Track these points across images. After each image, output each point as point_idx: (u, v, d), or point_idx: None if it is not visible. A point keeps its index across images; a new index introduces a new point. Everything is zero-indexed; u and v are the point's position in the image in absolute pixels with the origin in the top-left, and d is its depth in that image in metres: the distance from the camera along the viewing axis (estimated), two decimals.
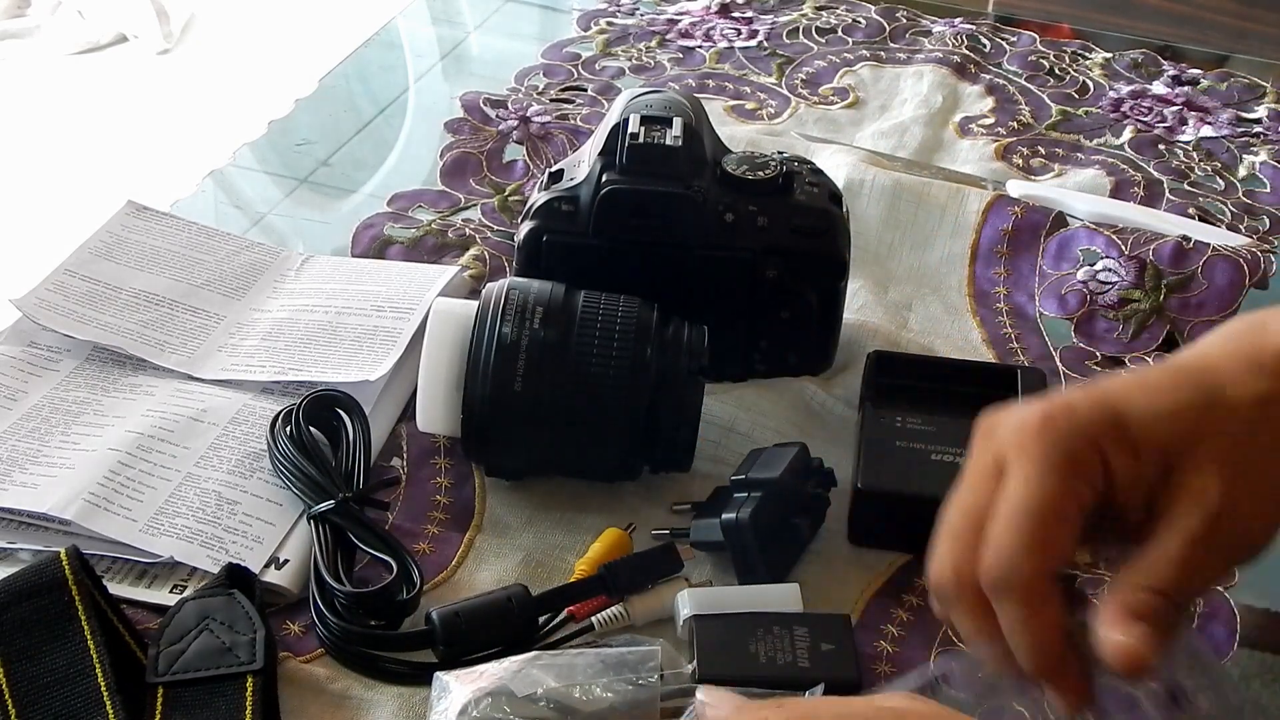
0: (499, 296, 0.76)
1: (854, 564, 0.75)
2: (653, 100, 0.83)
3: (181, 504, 0.75)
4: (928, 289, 0.97)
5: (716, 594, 0.71)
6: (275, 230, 1.02)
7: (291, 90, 1.17)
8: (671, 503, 0.77)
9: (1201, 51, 1.31)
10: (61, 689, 0.63)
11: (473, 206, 1.02)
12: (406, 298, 0.89)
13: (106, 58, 3.03)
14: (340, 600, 0.68)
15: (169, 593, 0.71)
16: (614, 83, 1.18)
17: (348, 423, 0.77)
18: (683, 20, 1.29)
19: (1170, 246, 0.97)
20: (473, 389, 0.74)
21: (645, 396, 0.74)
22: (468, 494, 0.78)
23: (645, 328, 0.75)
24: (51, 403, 0.82)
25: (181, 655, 0.65)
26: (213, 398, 0.82)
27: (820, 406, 0.84)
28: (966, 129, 1.15)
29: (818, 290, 0.83)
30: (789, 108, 1.17)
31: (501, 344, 0.74)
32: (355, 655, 0.68)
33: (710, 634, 0.68)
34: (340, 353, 0.85)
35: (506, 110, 1.12)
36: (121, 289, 0.90)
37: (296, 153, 1.11)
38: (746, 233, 0.81)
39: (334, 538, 0.71)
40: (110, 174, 2.53)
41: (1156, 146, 1.14)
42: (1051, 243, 0.99)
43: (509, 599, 0.69)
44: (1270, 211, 1.07)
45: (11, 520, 0.74)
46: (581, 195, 0.81)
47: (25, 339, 0.86)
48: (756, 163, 0.82)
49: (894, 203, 1.01)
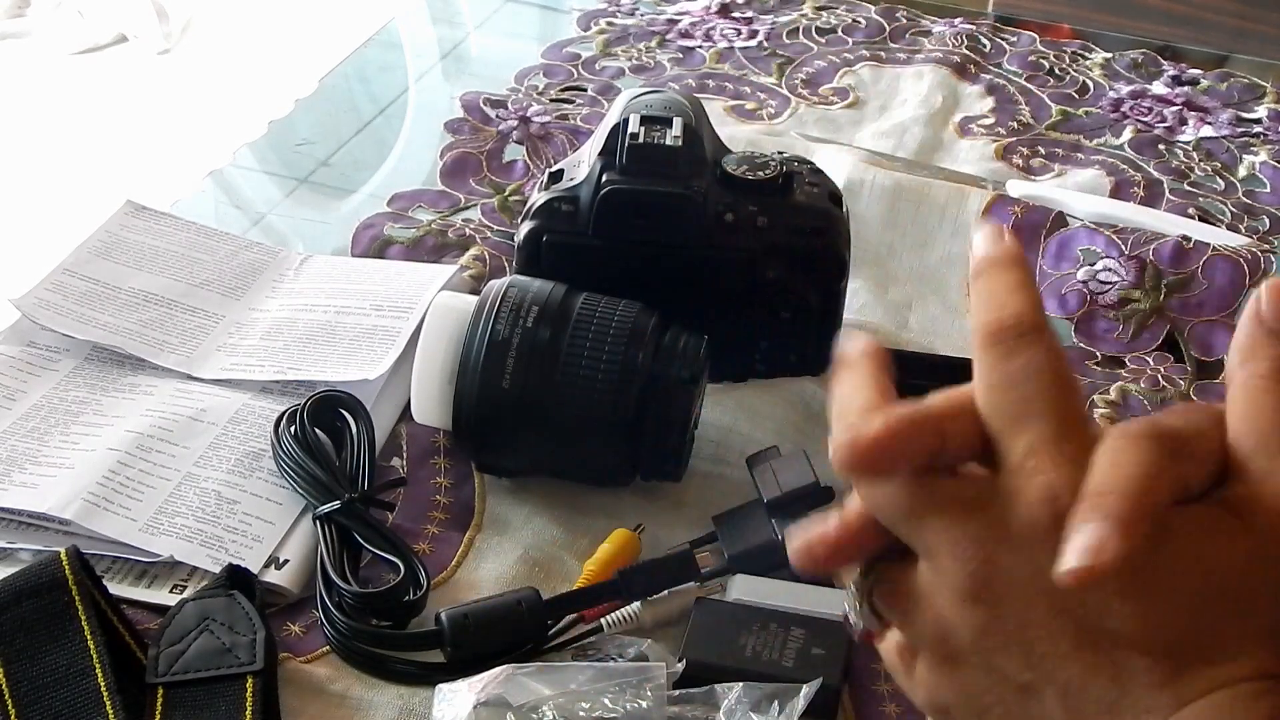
0: (497, 294, 0.76)
1: None
2: (653, 100, 0.83)
3: (181, 503, 0.75)
4: (928, 289, 0.97)
5: (767, 585, 0.70)
6: (275, 230, 1.02)
7: (291, 90, 1.17)
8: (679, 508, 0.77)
9: (1201, 51, 1.31)
10: (61, 689, 0.63)
11: (473, 206, 1.02)
12: (405, 297, 0.89)
13: (106, 58, 3.03)
14: (348, 600, 0.69)
15: (169, 593, 0.71)
16: (614, 83, 1.18)
17: (352, 423, 0.77)
18: (683, 20, 1.29)
19: (1170, 246, 0.97)
20: (463, 383, 0.75)
21: (633, 402, 0.74)
22: (468, 494, 0.78)
23: (640, 333, 0.75)
24: (51, 402, 0.82)
25: (182, 656, 0.65)
26: (212, 397, 0.82)
27: (820, 406, 0.84)
28: (966, 129, 1.15)
29: (818, 290, 0.83)
30: (789, 108, 1.17)
31: (494, 340, 0.74)
32: (363, 655, 0.68)
33: (707, 619, 0.68)
34: (339, 352, 0.85)
35: (506, 110, 1.12)
36: (120, 289, 0.90)
37: (296, 153, 1.11)
38: (746, 233, 0.81)
39: (340, 538, 0.72)
40: (110, 174, 2.53)
41: (1156, 146, 1.14)
42: (1051, 243, 0.99)
43: (519, 602, 0.69)
44: (1270, 211, 1.07)
45: (11, 520, 0.74)
46: (581, 195, 0.81)
47: (24, 339, 0.86)
48: (756, 163, 0.82)
49: (894, 203, 1.01)
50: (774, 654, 0.66)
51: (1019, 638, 0.44)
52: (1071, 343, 0.93)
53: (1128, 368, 0.91)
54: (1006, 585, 0.44)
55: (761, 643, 0.67)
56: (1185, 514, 0.43)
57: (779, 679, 0.64)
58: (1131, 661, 0.43)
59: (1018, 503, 0.44)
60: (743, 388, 0.84)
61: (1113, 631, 0.43)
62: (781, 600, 0.69)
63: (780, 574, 0.71)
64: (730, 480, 0.78)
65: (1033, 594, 0.44)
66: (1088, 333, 0.93)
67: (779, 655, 0.66)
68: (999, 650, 0.45)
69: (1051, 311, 0.95)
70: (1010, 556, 0.44)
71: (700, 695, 0.63)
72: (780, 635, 0.67)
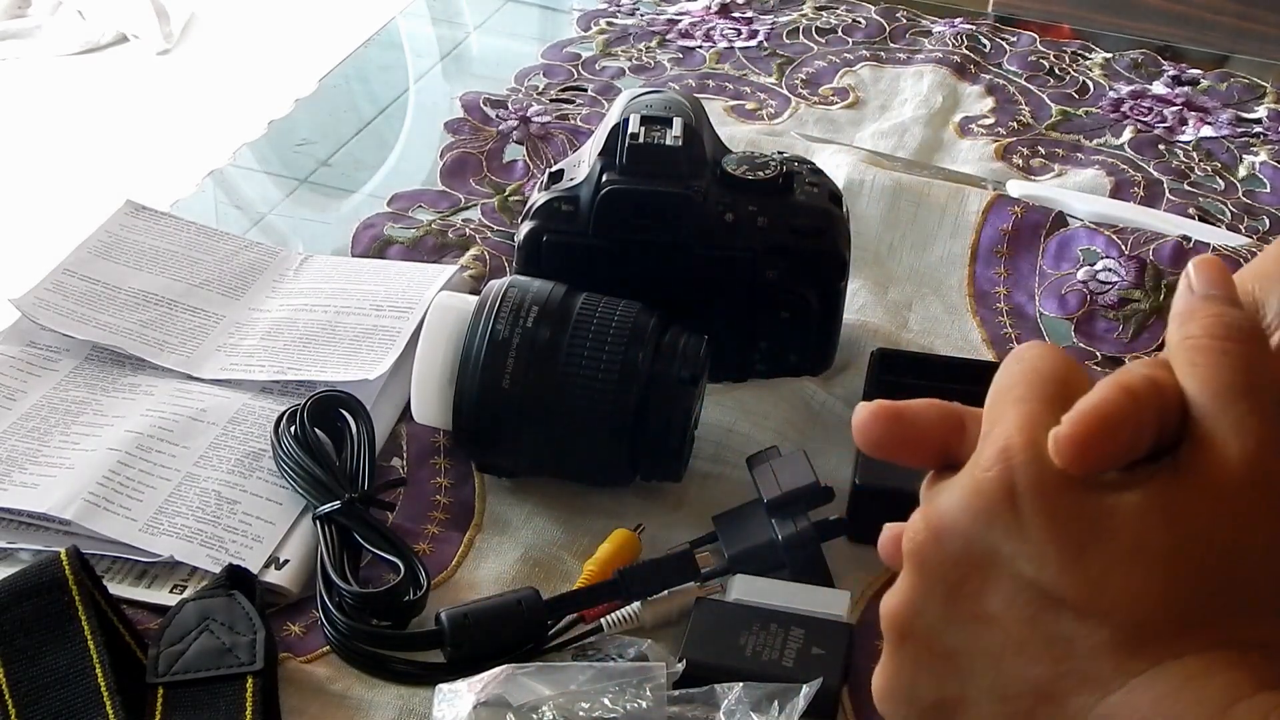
0: (497, 294, 0.76)
1: (854, 562, 0.75)
2: (653, 100, 0.83)
3: (181, 503, 0.75)
4: (928, 289, 0.97)
5: (767, 585, 0.70)
6: (275, 230, 1.02)
7: (291, 90, 1.17)
8: (673, 506, 0.77)
9: (1201, 51, 1.31)
10: (61, 689, 0.63)
11: (473, 206, 1.02)
12: (405, 297, 0.89)
13: (106, 58, 3.03)
14: (348, 600, 0.68)
15: (169, 593, 0.71)
16: (614, 83, 1.18)
17: (352, 423, 0.77)
18: (683, 20, 1.29)
19: (1170, 246, 0.97)
20: (463, 383, 0.75)
21: (633, 402, 0.74)
22: (467, 494, 0.78)
23: (640, 332, 0.75)
24: (51, 402, 0.82)
25: (182, 656, 0.65)
26: (212, 397, 0.82)
27: (820, 406, 0.84)
28: (966, 129, 1.15)
29: (818, 290, 0.83)
30: (789, 108, 1.17)
31: (494, 340, 0.74)
32: (364, 655, 0.68)
33: (707, 619, 0.68)
34: (339, 352, 0.85)
35: (506, 110, 1.12)
36: (120, 288, 0.90)
37: (296, 153, 1.11)
38: (746, 233, 0.81)
39: (340, 538, 0.72)
40: (110, 174, 2.53)
41: (1156, 146, 1.14)
42: (1051, 243, 0.99)
43: (519, 602, 0.69)
44: (1270, 211, 1.07)
45: (11, 520, 0.74)
46: (581, 195, 0.81)
47: (24, 339, 0.86)
48: (756, 163, 0.82)
49: (894, 203, 1.01)
50: (774, 654, 0.66)
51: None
52: (1071, 343, 0.93)
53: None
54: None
55: (761, 643, 0.67)
56: (1132, 477, 0.43)
57: (779, 679, 0.64)
58: (1075, 629, 0.42)
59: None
60: (743, 388, 0.84)
61: (1058, 600, 0.42)
62: (781, 600, 0.69)
63: (780, 574, 0.71)
64: (730, 480, 0.78)
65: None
66: (1088, 333, 0.93)
67: (779, 655, 0.66)
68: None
69: (1051, 311, 0.95)
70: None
71: (700, 695, 0.63)
72: (780, 635, 0.67)
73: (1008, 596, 0.43)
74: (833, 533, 0.73)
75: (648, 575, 0.71)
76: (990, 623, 0.44)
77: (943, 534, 0.45)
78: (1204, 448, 0.43)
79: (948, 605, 0.45)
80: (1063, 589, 0.42)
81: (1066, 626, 0.42)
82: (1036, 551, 0.43)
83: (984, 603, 0.44)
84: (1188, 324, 0.45)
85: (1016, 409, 0.44)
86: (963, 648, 0.45)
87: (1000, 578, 0.43)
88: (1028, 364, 0.46)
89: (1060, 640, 0.43)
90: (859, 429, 0.48)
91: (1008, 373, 0.46)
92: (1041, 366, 0.46)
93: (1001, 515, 0.43)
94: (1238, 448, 0.42)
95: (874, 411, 0.48)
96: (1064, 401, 0.44)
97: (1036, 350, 0.46)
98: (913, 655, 0.46)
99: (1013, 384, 0.45)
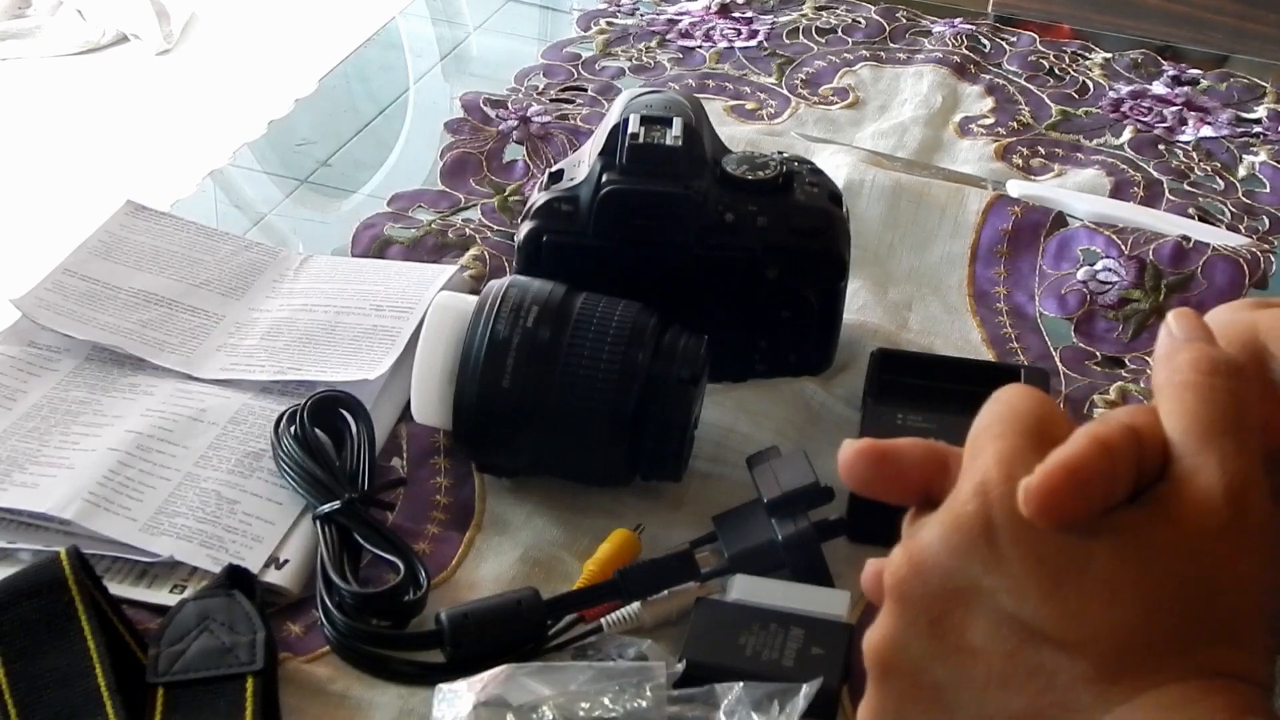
0: (497, 294, 0.76)
1: (854, 562, 0.74)
2: (653, 100, 0.83)
3: (181, 503, 0.75)
4: (928, 289, 0.97)
5: (767, 585, 0.70)
6: (275, 230, 1.02)
7: (291, 90, 1.17)
8: (676, 507, 0.77)
9: (1201, 51, 1.31)
10: (61, 689, 0.63)
11: (473, 206, 1.02)
12: (405, 297, 0.89)
13: (106, 58, 3.03)
14: (348, 600, 0.68)
15: (169, 593, 0.71)
16: (614, 83, 1.18)
17: (352, 423, 0.77)
18: (683, 20, 1.29)
19: (1170, 246, 0.97)
20: (463, 383, 0.75)
21: (632, 402, 0.74)
22: (467, 493, 0.78)
23: (639, 333, 0.75)
24: (51, 402, 0.82)
25: (182, 656, 0.65)
26: (212, 397, 0.82)
27: (820, 406, 0.84)
28: (966, 129, 1.15)
29: (818, 290, 0.83)
30: (789, 108, 1.17)
31: (494, 340, 0.74)
32: (363, 655, 0.68)
33: (707, 619, 0.68)
34: (339, 352, 0.85)
35: (506, 110, 1.12)
36: (120, 288, 0.90)
37: (296, 153, 1.11)
38: (746, 233, 0.81)
39: (340, 538, 0.72)
40: (110, 174, 2.53)
41: (1156, 146, 1.14)
42: (1051, 243, 0.99)
43: (519, 602, 0.69)
44: (1270, 211, 1.07)
45: (11, 520, 0.74)
46: (581, 195, 0.81)
47: (25, 339, 0.86)
48: (756, 163, 0.82)
49: (894, 203, 1.01)
50: (774, 654, 0.66)
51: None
52: (1071, 343, 0.93)
53: (1128, 368, 0.91)
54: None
55: (761, 643, 0.67)
56: (1115, 517, 0.43)
57: (779, 679, 0.64)
58: (1056, 660, 0.43)
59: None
60: (743, 388, 0.84)
61: (1038, 633, 0.43)
62: (781, 600, 0.69)
63: (780, 574, 0.71)
64: (730, 480, 0.78)
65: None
66: (1088, 333, 0.93)
67: (779, 655, 0.66)
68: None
69: (1051, 311, 0.95)
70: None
71: (700, 695, 0.63)
72: (780, 635, 0.67)
73: (989, 629, 0.44)
74: (833, 533, 0.72)
75: (648, 575, 0.71)
76: (973, 656, 0.44)
77: (924, 568, 0.45)
78: (1186, 483, 0.43)
79: (930, 639, 0.45)
80: (1042, 621, 0.43)
81: (1047, 658, 0.43)
82: (1015, 585, 0.43)
83: (966, 636, 0.44)
84: (1175, 359, 0.45)
85: (994, 445, 0.45)
86: (946, 681, 0.45)
87: (981, 611, 0.44)
88: (1005, 404, 0.47)
89: (1042, 672, 0.43)
90: (845, 467, 0.48)
91: (986, 412, 0.47)
92: (1019, 406, 0.46)
93: (980, 549, 0.44)
94: (1221, 483, 0.43)
95: (860, 451, 0.48)
96: (1041, 438, 0.44)
97: (1015, 391, 0.47)
98: (897, 689, 0.47)
99: (990, 422, 0.46)
